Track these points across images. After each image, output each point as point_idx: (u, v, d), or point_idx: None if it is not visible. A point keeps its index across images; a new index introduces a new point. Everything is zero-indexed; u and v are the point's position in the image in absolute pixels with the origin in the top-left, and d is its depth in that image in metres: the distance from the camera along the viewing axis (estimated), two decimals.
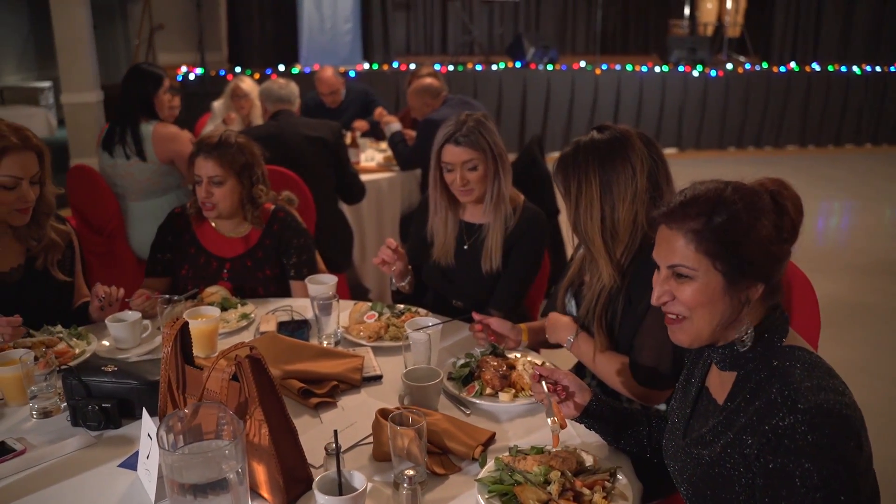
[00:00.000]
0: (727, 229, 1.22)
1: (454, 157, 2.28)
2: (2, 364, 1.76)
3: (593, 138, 1.85)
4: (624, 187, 1.80)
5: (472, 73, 8.60)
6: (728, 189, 1.26)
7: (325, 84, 5.38)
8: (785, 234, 1.25)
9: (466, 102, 4.36)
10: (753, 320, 1.27)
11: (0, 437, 1.64)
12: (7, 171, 2.01)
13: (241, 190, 2.43)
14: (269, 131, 3.70)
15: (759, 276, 1.24)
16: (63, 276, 2.21)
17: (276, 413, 1.38)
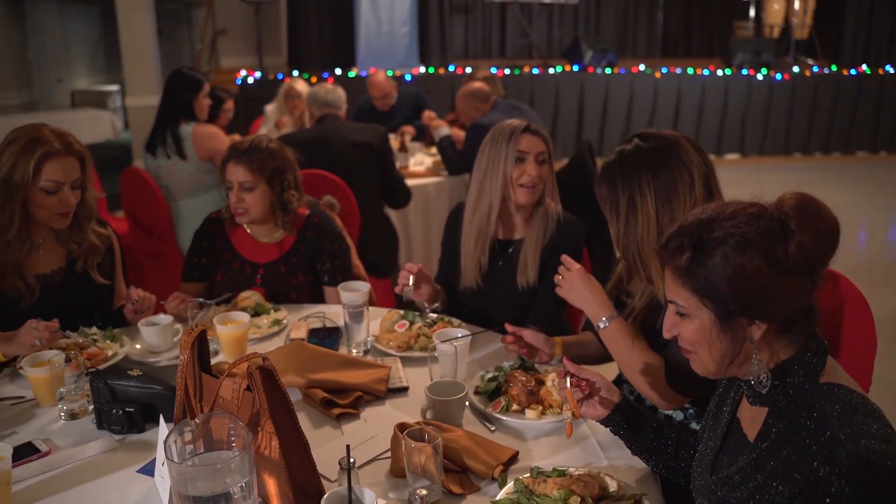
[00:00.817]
0: (706, 266, 1.11)
1: (531, 145, 2.19)
2: (33, 365, 1.78)
3: (640, 146, 1.73)
4: (684, 197, 1.68)
5: (529, 76, 8.51)
6: (720, 217, 1.13)
7: (376, 87, 5.39)
8: (788, 265, 1.09)
9: (516, 107, 4.30)
10: (773, 357, 1.16)
11: (28, 438, 1.66)
12: (49, 176, 2.04)
13: (272, 195, 2.42)
14: (314, 135, 3.71)
15: (753, 314, 1.12)
16: (102, 280, 2.24)
17: (287, 426, 1.34)
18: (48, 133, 2.07)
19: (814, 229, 1.10)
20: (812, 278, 1.12)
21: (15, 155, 2.02)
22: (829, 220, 1.12)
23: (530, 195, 2.21)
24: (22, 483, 1.51)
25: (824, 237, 1.11)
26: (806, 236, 1.09)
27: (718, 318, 1.13)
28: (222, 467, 1.25)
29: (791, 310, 1.12)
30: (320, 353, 1.90)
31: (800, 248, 1.09)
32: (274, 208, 2.44)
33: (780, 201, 1.13)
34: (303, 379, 1.80)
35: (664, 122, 8.52)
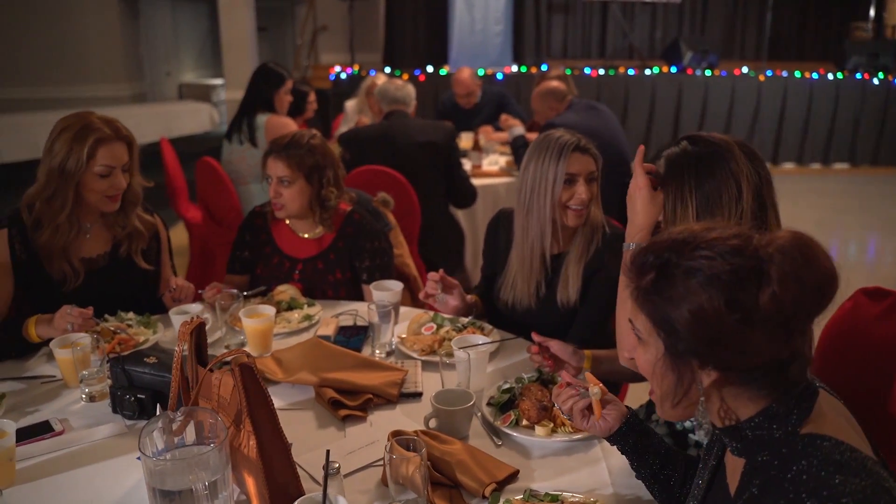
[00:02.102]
0: (665, 295, 0.97)
1: (582, 166, 2.03)
2: (61, 347, 1.83)
3: (686, 150, 1.59)
4: (728, 210, 1.53)
5: (625, 77, 8.26)
6: (696, 243, 0.97)
7: (461, 85, 5.35)
8: (755, 316, 0.92)
9: (592, 107, 4.15)
10: (728, 407, 1.01)
11: (48, 416, 1.70)
12: (102, 160, 2.11)
13: (310, 191, 2.40)
14: (379, 131, 3.70)
15: (705, 359, 0.97)
16: (145, 265, 2.29)
17: (266, 425, 1.31)
18: (97, 120, 2.13)
19: (797, 280, 0.92)
20: (787, 332, 0.94)
21: (68, 142, 2.08)
22: (820, 272, 0.94)
23: (580, 217, 2.07)
24: (31, 460, 1.55)
25: (809, 291, 0.93)
26: (784, 287, 0.92)
27: (668, 352, 1.00)
28: (192, 463, 1.23)
29: (753, 363, 0.97)
30: (336, 352, 1.87)
31: (773, 299, 0.92)
32: (312, 204, 2.42)
33: (771, 239, 0.96)
34: (316, 377, 1.77)
35: (766, 127, 8.09)
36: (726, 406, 1.01)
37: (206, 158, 3.91)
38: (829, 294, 0.94)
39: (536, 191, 2.04)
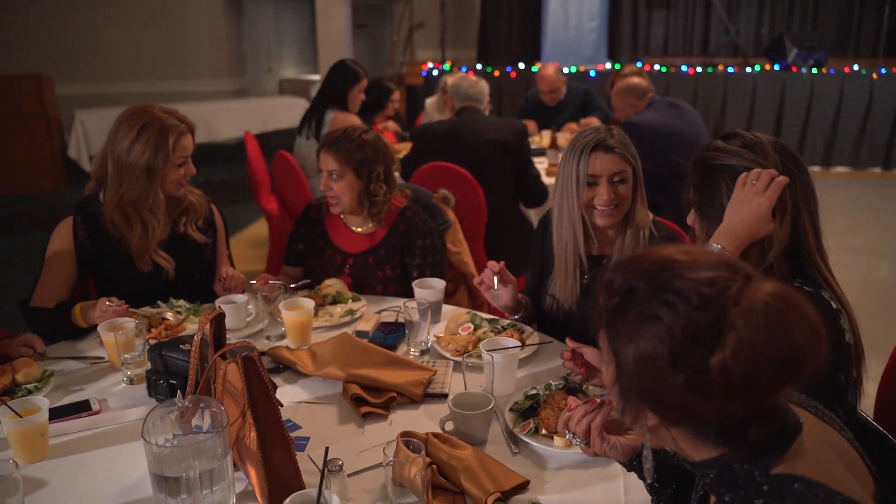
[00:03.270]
0: (622, 324, 0.87)
1: (604, 166, 1.95)
2: (107, 330, 1.91)
3: (717, 146, 1.56)
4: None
5: (724, 75, 7.92)
6: (669, 278, 0.85)
7: (545, 82, 5.27)
8: (699, 382, 0.82)
9: (674, 105, 3.98)
10: (688, 448, 0.92)
11: (89, 396, 1.78)
12: (181, 152, 2.23)
13: (360, 186, 2.41)
14: (448, 128, 3.68)
15: (649, 405, 0.89)
16: (200, 236, 2.36)
17: (267, 418, 1.31)
18: (163, 114, 2.21)
19: (753, 353, 0.80)
20: (744, 401, 0.83)
21: (152, 142, 2.17)
22: (785, 348, 0.81)
23: (607, 218, 1.98)
24: (66, 436, 1.62)
25: (765, 366, 0.81)
26: (736, 357, 0.80)
27: (617, 382, 0.91)
28: (191, 450, 1.25)
29: (699, 424, 0.88)
30: (366, 348, 1.86)
31: (722, 367, 0.81)
32: (361, 199, 2.43)
33: (748, 296, 0.83)
34: (343, 373, 1.77)
35: (878, 128, 7.57)
36: (678, 446, 0.93)
37: (281, 152, 4.01)
38: (794, 372, 0.83)
39: (565, 191, 1.99)
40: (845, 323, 1.48)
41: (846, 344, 1.47)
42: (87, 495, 1.42)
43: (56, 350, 2.05)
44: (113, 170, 2.19)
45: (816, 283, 1.48)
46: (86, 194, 2.29)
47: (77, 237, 2.22)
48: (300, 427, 1.64)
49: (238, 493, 1.39)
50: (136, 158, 2.17)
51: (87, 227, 2.22)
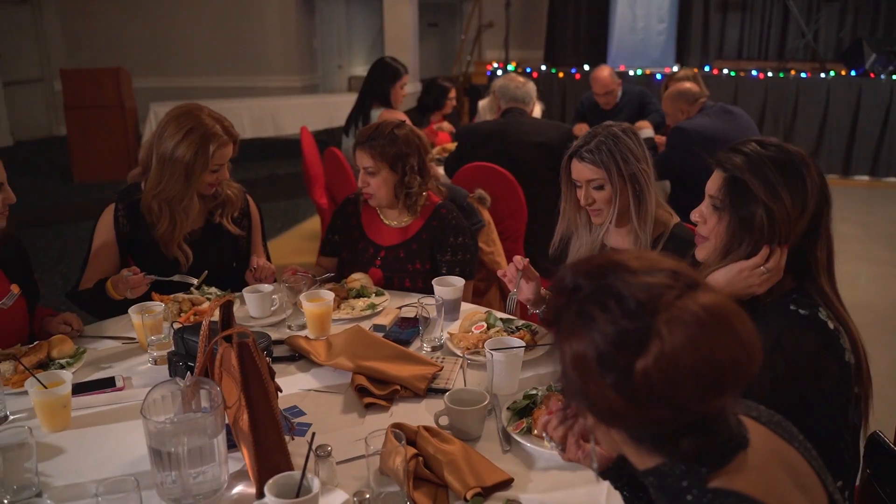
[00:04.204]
0: (559, 320, 0.89)
1: (579, 173, 2.10)
2: (137, 312, 2.02)
3: (759, 153, 1.50)
4: (795, 219, 1.47)
5: (796, 80, 7.68)
6: (609, 276, 0.87)
7: (599, 84, 5.23)
8: (626, 388, 0.83)
9: (727, 111, 3.90)
10: (630, 453, 0.94)
11: (115, 373, 1.89)
12: (219, 160, 2.32)
13: (395, 180, 2.46)
14: (493, 128, 3.71)
15: (583, 405, 0.90)
16: (235, 229, 2.46)
17: (259, 402, 1.38)
18: (211, 121, 2.31)
19: (673, 363, 0.81)
20: (672, 409, 0.83)
21: (194, 146, 2.27)
22: (708, 360, 0.82)
23: (595, 217, 2.13)
24: (89, 409, 1.73)
25: (688, 376, 0.81)
26: (658, 365, 0.81)
27: (562, 378, 0.92)
28: (184, 427, 1.32)
29: (630, 429, 0.89)
30: (376, 341, 1.91)
31: (644, 375, 0.82)
32: (397, 192, 2.49)
33: (681, 303, 0.83)
34: (352, 364, 1.83)
35: None
36: (624, 451, 0.94)
37: (332, 148, 4.11)
38: (718, 385, 0.83)
39: (563, 188, 2.18)
40: (845, 342, 1.45)
41: (846, 363, 1.44)
42: (99, 464, 1.51)
43: (94, 329, 2.18)
44: (156, 164, 2.31)
45: (814, 302, 1.45)
46: (129, 182, 2.42)
47: (118, 223, 2.35)
48: (304, 413, 1.71)
49: (235, 471, 1.47)
50: (179, 159, 2.27)
51: (128, 214, 2.35)
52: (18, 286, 1.94)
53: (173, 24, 9.93)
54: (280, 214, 6.64)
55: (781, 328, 1.42)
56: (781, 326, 1.42)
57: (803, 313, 1.43)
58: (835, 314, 1.48)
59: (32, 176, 8.00)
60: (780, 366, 1.38)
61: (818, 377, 1.40)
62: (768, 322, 1.44)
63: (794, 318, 1.43)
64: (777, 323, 1.43)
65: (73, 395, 1.73)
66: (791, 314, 1.44)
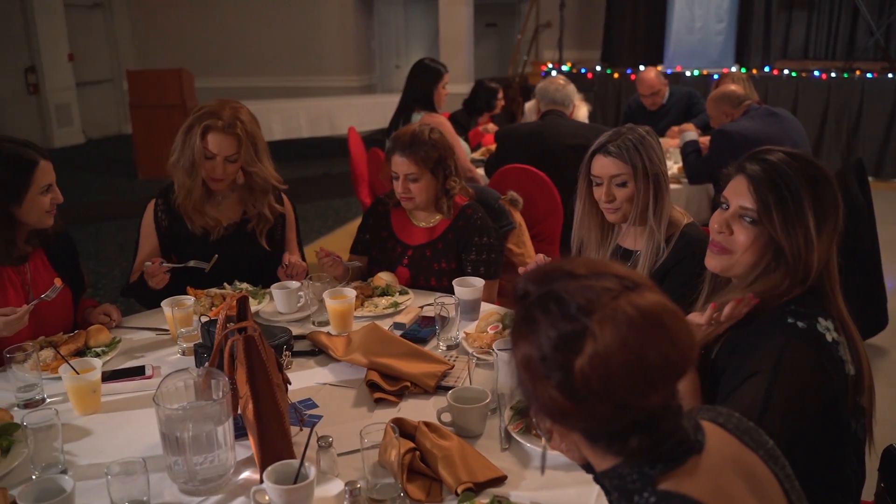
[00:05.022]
0: (512, 321, 0.94)
1: (603, 169, 2.10)
2: (169, 306, 2.12)
3: (789, 162, 1.49)
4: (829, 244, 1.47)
5: (861, 80, 7.43)
6: (555, 282, 0.90)
7: (645, 85, 5.18)
8: (571, 384, 0.86)
9: (773, 114, 3.82)
10: (586, 453, 0.97)
11: (146, 362, 2.00)
12: (211, 147, 2.40)
13: (436, 184, 2.52)
14: (531, 130, 3.73)
15: (530, 401, 0.93)
16: (265, 246, 2.54)
17: (263, 393, 1.45)
18: (217, 107, 2.42)
19: (606, 361, 0.84)
20: (615, 407, 0.87)
21: (193, 131, 2.41)
22: (639, 360, 0.85)
23: (611, 215, 2.13)
24: (119, 395, 1.84)
25: (620, 375, 0.85)
26: (592, 364, 0.85)
27: (518, 382, 0.96)
28: (192, 414, 1.41)
29: (579, 428, 0.92)
30: (390, 338, 1.97)
31: (581, 374, 0.85)
32: (438, 195, 2.54)
33: (616, 304, 0.86)
34: (366, 360, 1.89)
35: None
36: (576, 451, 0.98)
37: (375, 149, 4.19)
38: (649, 383, 0.86)
39: (579, 188, 2.21)
40: (845, 353, 1.44)
41: (846, 375, 1.43)
42: (122, 446, 1.61)
43: (132, 321, 2.30)
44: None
45: (813, 312, 1.44)
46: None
47: (157, 219, 2.48)
48: (317, 406, 1.78)
49: (245, 458, 1.55)
50: (183, 146, 2.43)
51: (166, 209, 2.48)
52: (62, 279, 2.07)
53: (235, 27, 10.23)
54: (332, 212, 6.79)
55: (782, 346, 1.41)
56: (782, 344, 1.41)
57: (801, 326, 1.42)
58: (841, 325, 1.47)
59: (100, 172, 8.38)
60: (784, 383, 1.37)
61: (819, 391, 1.39)
62: (771, 338, 1.43)
63: (792, 333, 1.42)
64: (778, 340, 1.42)
65: (105, 382, 1.85)
66: (789, 328, 1.42)
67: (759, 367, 1.42)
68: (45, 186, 2.02)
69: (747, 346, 1.47)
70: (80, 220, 6.44)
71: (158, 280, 2.29)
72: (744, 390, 1.43)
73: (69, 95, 10.16)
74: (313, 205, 6.99)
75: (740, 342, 1.50)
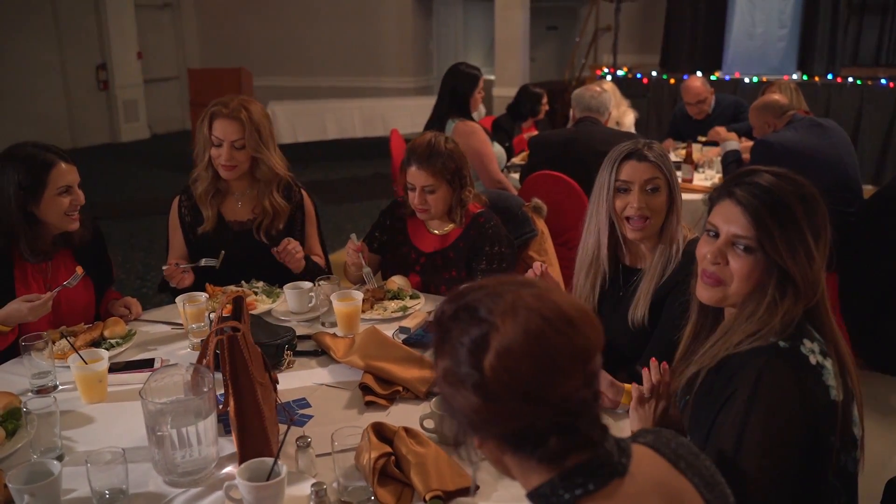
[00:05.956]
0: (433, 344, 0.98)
1: (636, 173, 1.96)
2: (182, 301, 2.20)
3: (777, 183, 1.43)
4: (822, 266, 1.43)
5: None
6: (461, 295, 0.95)
7: (690, 93, 5.08)
8: (483, 382, 0.89)
9: (818, 125, 3.70)
10: (518, 473, 0.98)
11: (157, 355, 2.08)
12: (217, 134, 2.49)
13: (452, 195, 2.51)
14: (563, 137, 3.71)
15: (453, 417, 0.96)
16: (263, 240, 2.57)
17: (245, 393, 1.49)
18: (230, 100, 2.52)
19: (511, 351, 0.87)
20: (528, 402, 0.89)
21: (204, 120, 2.53)
22: (542, 344, 0.88)
23: (637, 231, 1.98)
24: (126, 386, 1.92)
25: (525, 362, 0.88)
26: (499, 357, 0.88)
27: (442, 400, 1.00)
28: (174, 409, 1.46)
29: (501, 431, 0.93)
30: (388, 342, 2.00)
31: (492, 369, 0.88)
32: (452, 206, 2.55)
33: (515, 298, 0.90)
34: (363, 362, 1.93)
35: None
36: (512, 474, 0.98)
37: None
38: (554, 368, 0.88)
39: (597, 198, 2.04)
40: (829, 378, 1.37)
41: (830, 402, 1.36)
42: (120, 435, 1.68)
43: (153, 314, 2.40)
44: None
45: (799, 333, 1.39)
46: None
47: (181, 214, 2.57)
48: (310, 406, 1.82)
49: (230, 454, 1.60)
50: (200, 136, 2.53)
51: (189, 204, 2.57)
52: (85, 270, 2.17)
53: (295, 27, 10.45)
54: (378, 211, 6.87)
55: (762, 366, 1.36)
56: (761, 364, 1.36)
57: (783, 346, 1.37)
58: (833, 348, 1.42)
59: (163, 167, 8.68)
60: (765, 407, 1.33)
61: (800, 412, 1.34)
62: (753, 357, 1.38)
63: (773, 352, 1.37)
64: (758, 360, 1.37)
65: (114, 373, 1.94)
66: (771, 347, 1.37)
67: (737, 386, 1.38)
68: (62, 188, 2.12)
69: (733, 365, 1.43)
70: (137, 212, 6.69)
71: (178, 280, 2.38)
72: (724, 413, 1.40)
73: (136, 92, 10.56)
74: (362, 204, 7.11)
75: (728, 362, 1.45)
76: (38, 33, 9.58)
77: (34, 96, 9.49)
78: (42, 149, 2.13)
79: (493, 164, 3.81)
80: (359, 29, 10.36)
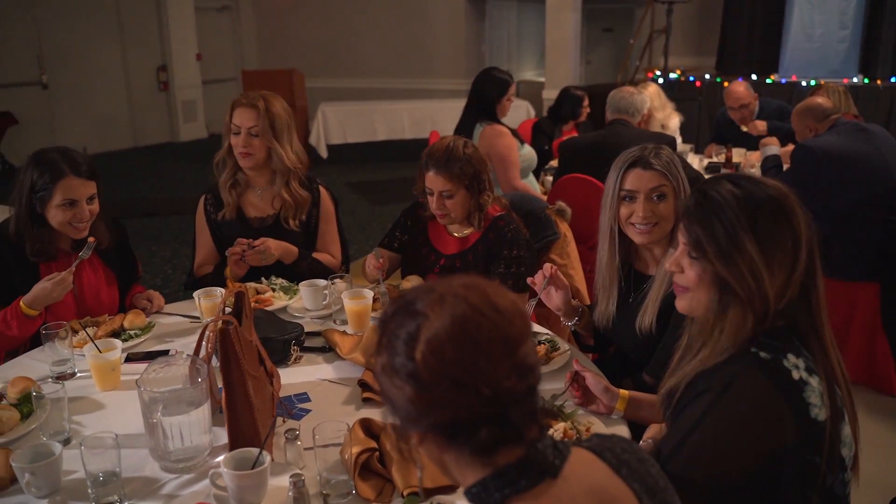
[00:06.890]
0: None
1: (640, 182, 1.95)
2: (199, 296, 2.28)
3: (730, 190, 1.36)
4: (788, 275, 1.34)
5: None
6: (402, 296, 0.99)
7: (732, 98, 4.96)
8: (417, 373, 0.92)
9: (862, 129, 3.57)
10: (456, 470, 0.99)
11: (173, 347, 2.16)
12: (236, 121, 2.59)
13: (471, 199, 2.51)
14: (593, 140, 3.69)
15: (394, 413, 0.98)
16: (295, 228, 2.65)
17: (236, 384, 1.54)
18: (254, 92, 2.62)
19: (438, 336, 0.91)
20: (460, 389, 0.90)
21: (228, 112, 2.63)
22: (467, 328, 0.91)
23: (643, 236, 1.97)
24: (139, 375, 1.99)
25: (451, 348, 0.90)
26: (429, 345, 0.91)
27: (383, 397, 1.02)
28: (168, 398, 1.52)
29: (439, 426, 0.94)
30: None
31: (423, 359, 0.91)
32: (471, 210, 2.55)
33: (445, 288, 0.94)
34: (364, 359, 1.96)
35: None
36: (454, 474, 1.00)
37: None
38: (480, 352, 0.90)
39: (604, 206, 2.04)
40: (812, 396, 1.30)
41: (811, 420, 1.29)
42: (126, 421, 1.74)
43: (175, 307, 2.48)
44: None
45: (783, 347, 1.32)
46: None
47: (207, 211, 2.66)
48: (310, 400, 1.87)
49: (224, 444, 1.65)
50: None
51: (214, 202, 2.65)
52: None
53: (348, 29, 10.61)
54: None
55: (736, 372, 1.31)
56: (735, 371, 1.31)
57: (764, 357, 1.31)
58: (821, 365, 1.34)
59: None
60: (724, 414, 1.29)
61: (768, 431, 1.29)
62: (730, 364, 1.34)
63: (751, 361, 1.31)
64: (735, 366, 1.32)
65: (130, 362, 2.02)
66: (750, 356, 1.32)
67: (708, 386, 1.34)
68: (66, 201, 2.17)
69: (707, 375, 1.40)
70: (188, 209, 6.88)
71: (237, 268, 2.52)
72: (681, 417, 1.38)
73: (195, 93, 10.89)
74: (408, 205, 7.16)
75: (702, 375, 1.42)
76: (103, 35, 9.98)
77: (98, 96, 9.88)
78: (64, 158, 2.19)
79: (514, 170, 3.77)
80: (411, 31, 10.45)
